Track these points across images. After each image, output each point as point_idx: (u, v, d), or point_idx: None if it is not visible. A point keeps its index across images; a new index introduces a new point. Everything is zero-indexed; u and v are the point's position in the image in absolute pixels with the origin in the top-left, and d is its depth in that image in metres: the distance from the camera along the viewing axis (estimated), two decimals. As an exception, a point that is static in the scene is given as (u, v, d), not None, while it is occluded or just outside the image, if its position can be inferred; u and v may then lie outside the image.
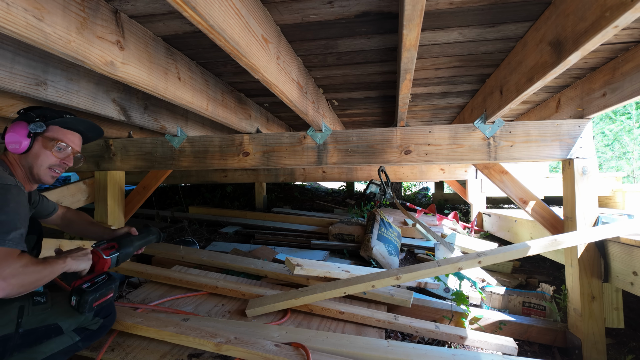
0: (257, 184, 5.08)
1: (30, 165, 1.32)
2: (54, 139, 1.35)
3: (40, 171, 1.34)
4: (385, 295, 2.11)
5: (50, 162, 1.35)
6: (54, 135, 1.35)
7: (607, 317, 1.87)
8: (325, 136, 2.19)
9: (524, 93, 1.53)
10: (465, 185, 4.24)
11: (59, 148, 1.36)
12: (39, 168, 1.33)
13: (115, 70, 1.23)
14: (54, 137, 1.35)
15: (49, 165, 1.35)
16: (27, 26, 0.90)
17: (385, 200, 4.61)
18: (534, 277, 2.74)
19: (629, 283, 1.66)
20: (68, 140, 1.39)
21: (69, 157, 1.41)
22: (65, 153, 1.39)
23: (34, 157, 1.32)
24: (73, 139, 1.42)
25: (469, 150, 2.00)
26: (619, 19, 0.92)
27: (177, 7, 0.85)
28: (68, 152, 1.40)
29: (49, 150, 1.34)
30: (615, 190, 3.69)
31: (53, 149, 1.34)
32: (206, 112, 1.92)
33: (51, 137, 1.34)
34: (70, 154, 1.42)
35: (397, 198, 5.25)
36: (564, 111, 2.27)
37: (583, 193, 1.86)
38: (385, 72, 2.03)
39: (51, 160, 1.35)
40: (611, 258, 1.78)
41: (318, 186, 7.89)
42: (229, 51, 1.09)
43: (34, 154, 1.32)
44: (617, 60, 1.74)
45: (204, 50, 1.68)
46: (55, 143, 1.35)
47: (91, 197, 2.80)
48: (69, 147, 1.40)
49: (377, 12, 1.35)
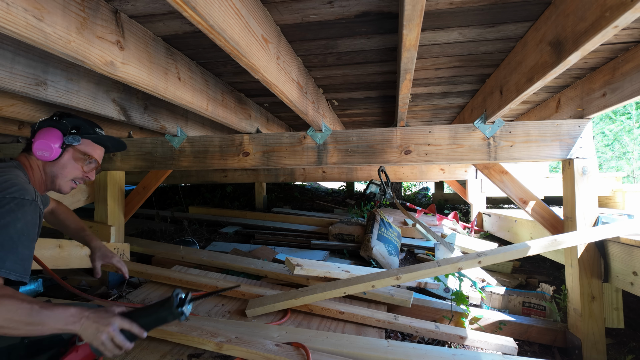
0: (257, 184, 5.09)
1: (54, 175, 1.29)
2: (85, 153, 1.33)
3: (63, 182, 1.31)
4: (385, 295, 2.11)
5: (76, 174, 1.33)
6: (85, 150, 1.33)
7: (607, 317, 1.87)
8: (325, 136, 2.19)
9: (524, 93, 1.53)
10: (465, 185, 4.24)
11: (89, 162, 1.35)
12: (63, 179, 1.31)
13: (115, 70, 1.23)
14: (86, 151, 1.33)
15: (74, 177, 1.33)
16: (27, 26, 0.90)
17: (385, 200, 4.61)
18: (534, 277, 2.74)
19: (628, 283, 1.66)
20: (97, 156, 1.38)
21: (93, 172, 1.39)
22: (91, 167, 1.37)
23: (61, 167, 1.29)
24: (100, 154, 1.41)
25: (469, 150, 2.01)
26: (619, 19, 0.92)
27: (177, 7, 0.85)
28: (93, 167, 1.39)
29: (78, 163, 1.32)
30: (615, 190, 3.69)
31: (83, 163, 1.34)
32: (206, 112, 1.92)
33: (83, 151, 1.33)
34: (94, 168, 1.40)
35: (397, 198, 5.25)
36: (564, 111, 2.27)
37: (583, 193, 1.86)
38: (385, 72, 2.03)
39: (77, 173, 1.33)
40: (611, 258, 1.78)
41: (318, 186, 7.89)
42: (229, 51, 1.09)
43: (62, 165, 1.29)
44: (617, 60, 1.74)
45: (204, 50, 1.68)
46: (87, 158, 1.34)
47: (91, 197, 2.80)
48: (95, 162, 1.38)
49: (377, 12, 1.35)
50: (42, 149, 1.24)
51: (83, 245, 2.38)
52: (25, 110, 2.04)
